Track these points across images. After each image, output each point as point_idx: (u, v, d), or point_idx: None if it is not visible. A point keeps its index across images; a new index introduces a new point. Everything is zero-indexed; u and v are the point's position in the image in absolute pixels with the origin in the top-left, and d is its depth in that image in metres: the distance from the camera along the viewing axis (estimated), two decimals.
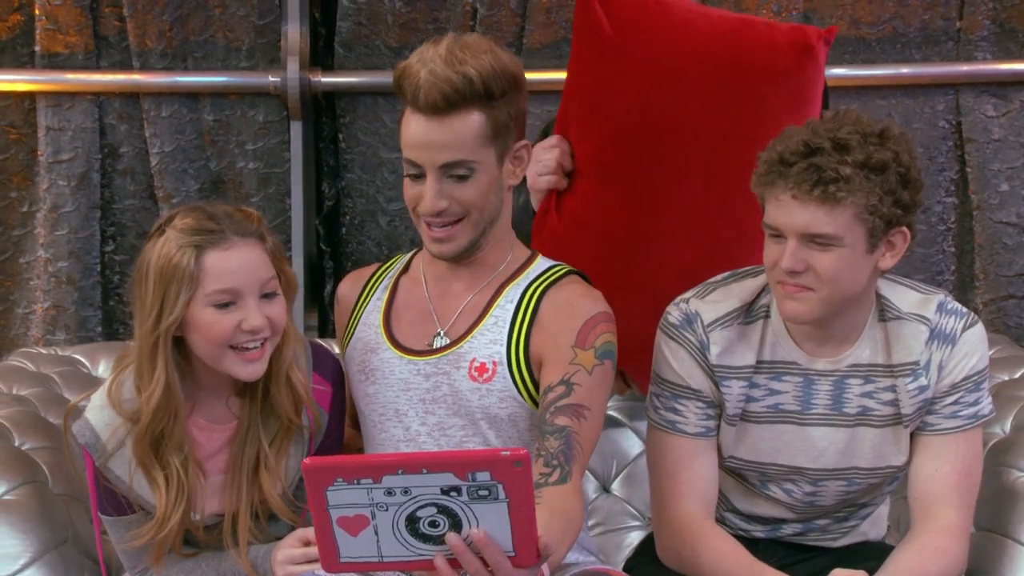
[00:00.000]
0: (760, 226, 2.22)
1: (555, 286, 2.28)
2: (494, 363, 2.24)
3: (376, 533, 1.72)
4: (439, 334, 2.28)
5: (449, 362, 2.25)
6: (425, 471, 1.67)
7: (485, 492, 1.68)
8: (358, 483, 1.68)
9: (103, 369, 2.98)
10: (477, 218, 2.21)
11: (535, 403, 2.23)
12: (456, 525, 1.71)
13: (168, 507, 2.17)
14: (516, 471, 1.67)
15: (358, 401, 2.35)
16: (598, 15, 2.55)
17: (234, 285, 2.12)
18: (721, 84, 2.52)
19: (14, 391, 2.83)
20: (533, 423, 2.24)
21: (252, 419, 2.23)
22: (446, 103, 2.13)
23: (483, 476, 1.67)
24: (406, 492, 1.68)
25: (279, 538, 2.22)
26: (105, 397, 2.21)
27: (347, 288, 2.45)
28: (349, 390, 2.43)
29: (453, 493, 1.68)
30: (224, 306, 2.13)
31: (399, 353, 2.29)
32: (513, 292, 2.28)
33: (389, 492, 1.68)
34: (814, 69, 2.55)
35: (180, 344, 2.18)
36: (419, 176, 2.18)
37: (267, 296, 2.16)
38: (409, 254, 2.43)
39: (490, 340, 2.25)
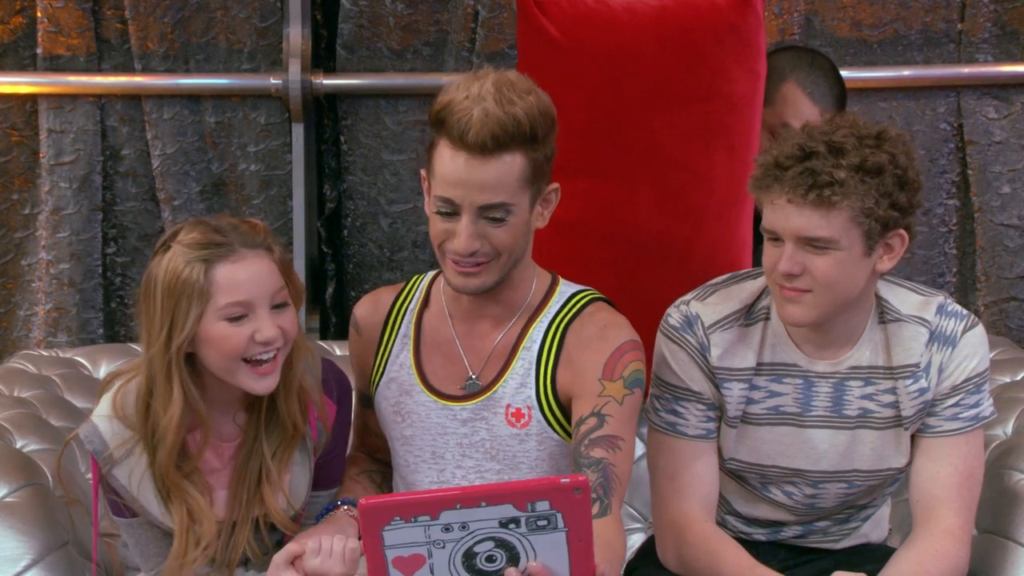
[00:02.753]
0: (727, 183, 2.24)
1: (578, 318, 2.25)
2: (528, 408, 2.23)
3: (432, 572, 1.70)
4: (471, 378, 2.27)
5: (486, 407, 2.25)
6: (483, 504, 1.65)
7: (544, 522, 1.67)
8: (415, 520, 1.66)
9: (104, 371, 2.98)
10: (506, 260, 2.17)
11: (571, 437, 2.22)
12: (514, 559, 1.69)
13: (209, 527, 2.17)
14: (575, 499, 1.65)
15: (393, 441, 2.34)
16: (540, 21, 2.66)
17: (246, 297, 2.11)
18: (669, 53, 2.62)
19: (15, 393, 2.83)
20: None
21: (257, 432, 2.22)
22: (495, 143, 2.07)
23: (542, 506, 1.65)
24: (464, 527, 1.66)
25: (279, 544, 2.22)
26: (110, 408, 2.20)
27: (366, 313, 2.40)
28: (357, 419, 2.43)
29: (512, 525, 1.66)
30: (237, 319, 2.11)
31: (434, 397, 2.28)
32: (537, 331, 2.26)
33: (447, 528, 1.66)
34: (755, 19, 2.66)
35: (190, 359, 2.16)
36: (451, 214, 2.13)
37: (278, 307, 2.15)
38: (427, 280, 2.38)
39: (520, 384, 2.24)
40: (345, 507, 2.27)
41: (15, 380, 2.89)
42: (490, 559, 1.70)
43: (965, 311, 2.28)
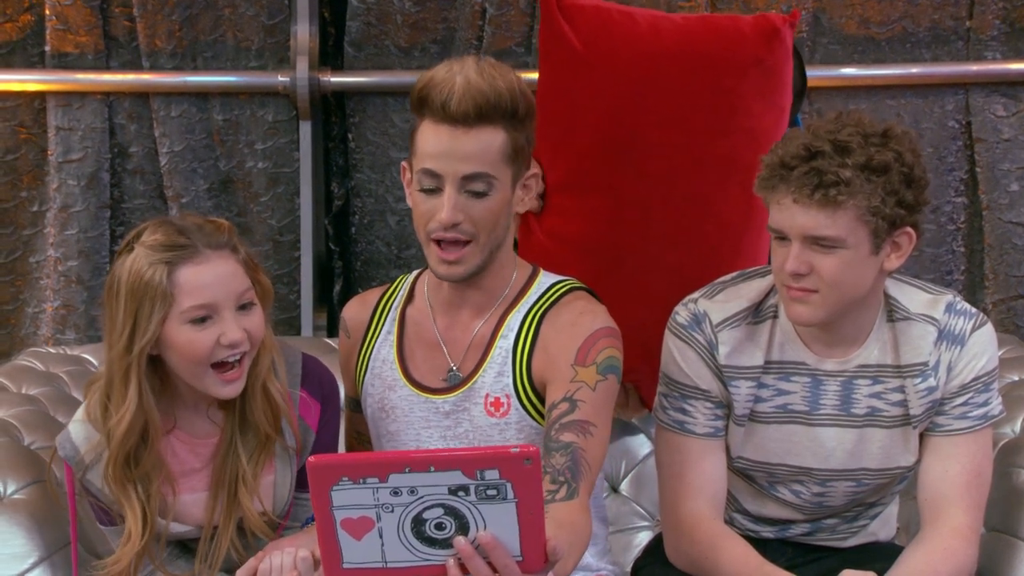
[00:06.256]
0: (744, 220, 2.21)
1: (555, 307, 2.24)
2: (507, 396, 2.22)
3: (381, 536, 1.68)
4: (452, 369, 2.26)
5: (466, 398, 2.24)
6: (432, 469, 1.63)
7: (493, 491, 1.65)
8: (364, 482, 1.65)
9: None
10: (485, 241, 2.16)
11: None
12: (463, 527, 1.68)
13: (138, 532, 2.14)
14: (525, 469, 1.63)
15: (380, 438, 2.34)
16: (564, 30, 2.59)
17: (210, 300, 2.09)
18: (692, 82, 2.56)
19: (23, 390, 2.83)
20: None
21: (232, 432, 2.20)
22: (477, 113, 2.09)
23: (492, 474, 1.64)
24: (412, 492, 1.65)
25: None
26: (84, 412, 2.20)
27: (354, 313, 2.40)
28: (348, 431, 2.42)
29: (461, 493, 1.65)
30: (200, 321, 2.09)
31: (416, 391, 2.28)
32: (514, 320, 2.25)
33: (395, 492, 1.65)
34: (783, 53, 2.60)
35: (156, 361, 2.14)
36: (435, 190, 2.13)
37: (244, 308, 2.13)
38: (411, 277, 2.39)
39: (498, 373, 2.23)
40: None
41: (23, 377, 2.89)
42: (439, 526, 1.68)
43: (974, 310, 2.28)
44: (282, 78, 3.43)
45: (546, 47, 2.66)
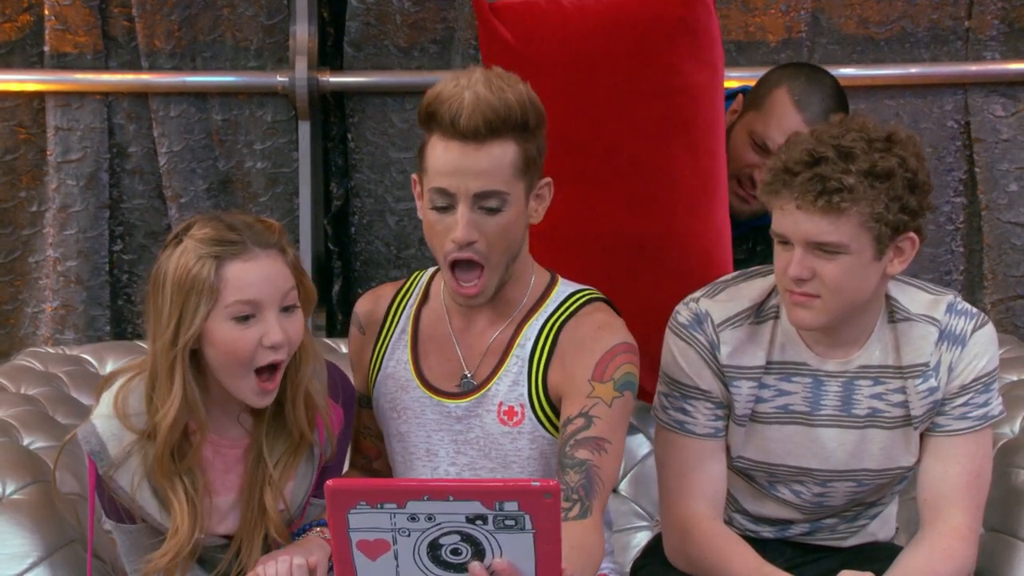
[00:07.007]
0: (697, 179, 2.23)
1: (573, 318, 2.24)
2: (521, 406, 2.22)
3: (396, 559, 1.69)
4: (466, 376, 2.26)
5: (478, 404, 2.24)
6: (451, 498, 1.64)
7: (512, 522, 1.66)
8: (381, 507, 1.65)
9: (111, 368, 2.97)
10: (497, 261, 2.16)
11: None
12: (479, 554, 1.69)
13: (187, 526, 2.13)
14: (545, 503, 1.64)
15: (389, 437, 2.34)
16: (499, 29, 2.64)
17: (255, 296, 2.09)
18: (621, 51, 2.59)
19: (22, 390, 2.84)
20: None
21: (262, 438, 2.19)
22: (487, 128, 2.07)
23: (511, 506, 1.64)
24: (430, 519, 1.66)
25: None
26: (112, 407, 2.17)
27: (368, 309, 2.39)
28: (357, 419, 2.41)
29: (479, 522, 1.66)
30: (244, 320, 2.08)
31: (429, 393, 2.27)
32: (531, 329, 2.24)
33: (412, 518, 1.66)
34: (703, 9, 2.63)
35: (196, 357, 2.13)
36: (447, 208, 2.12)
37: (286, 310, 2.12)
38: (426, 276, 2.38)
39: (513, 382, 2.23)
40: (318, 529, 2.24)
41: (22, 377, 2.89)
42: (455, 552, 1.69)
43: (975, 310, 2.28)
44: (281, 78, 3.42)
45: (486, 48, 2.70)
